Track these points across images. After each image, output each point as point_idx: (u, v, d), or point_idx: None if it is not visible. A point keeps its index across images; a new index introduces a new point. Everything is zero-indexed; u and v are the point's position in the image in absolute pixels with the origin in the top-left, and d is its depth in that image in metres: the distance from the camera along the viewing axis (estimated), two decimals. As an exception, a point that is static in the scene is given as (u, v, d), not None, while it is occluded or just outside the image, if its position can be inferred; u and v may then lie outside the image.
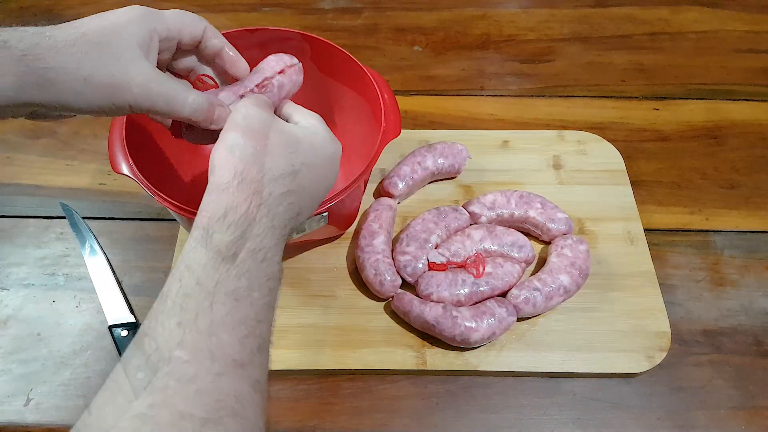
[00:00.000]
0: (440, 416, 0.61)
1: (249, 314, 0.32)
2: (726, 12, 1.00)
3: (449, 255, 0.66)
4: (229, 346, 0.31)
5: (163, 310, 0.31)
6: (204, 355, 0.29)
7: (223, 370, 0.30)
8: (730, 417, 0.61)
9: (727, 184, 0.79)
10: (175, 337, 0.30)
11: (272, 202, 0.37)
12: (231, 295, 0.32)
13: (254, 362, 0.32)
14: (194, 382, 0.29)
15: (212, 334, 0.30)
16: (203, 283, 0.32)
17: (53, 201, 0.75)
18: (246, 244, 0.34)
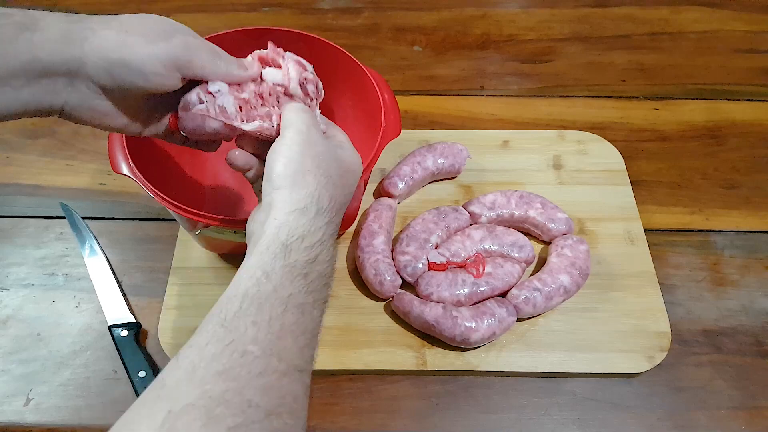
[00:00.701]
0: (440, 416, 0.61)
1: (309, 327, 0.36)
2: (726, 12, 1.00)
3: (449, 255, 0.66)
4: (293, 352, 0.34)
5: (241, 306, 0.34)
6: (273, 354, 0.33)
7: (287, 371, 0.33)
8: (730, 417, 0.61)
9: (727, 184, 0.79)
10: (250, 334, 0.33)
11: (334, 231, 0.41)
12: (299, 307, 0.36)
13: (308, 370, 0.35)
14: (263, 377, 0.32)
15: (281, 337, 0.34)
16: (279, 290, 0.35)
17: (53, 201, 0.75)
18: (317, 268, 0.38)
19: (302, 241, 0.38)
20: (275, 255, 0.37)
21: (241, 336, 0.33)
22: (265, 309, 0.34)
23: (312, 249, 0.38)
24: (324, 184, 0.41)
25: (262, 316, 0.34)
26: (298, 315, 0.35)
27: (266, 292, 0.35)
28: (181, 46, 0.41)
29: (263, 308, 0.34)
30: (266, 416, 0.30)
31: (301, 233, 0.38)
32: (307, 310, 0.36)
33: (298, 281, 0.36)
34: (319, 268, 0.38)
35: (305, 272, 0.37)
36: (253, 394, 0.31)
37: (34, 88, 0.39)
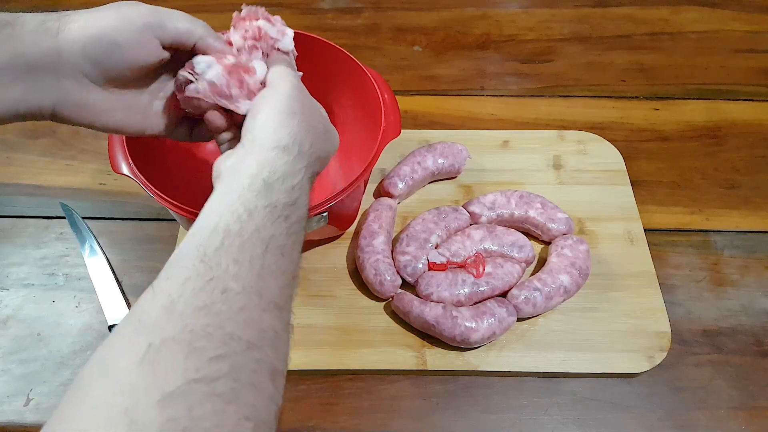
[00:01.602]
0: (440, 416, 0.61)
1: (288, 268, 0.37)
2: (726, 12, 1.00)
3: (449, 255, 0.66)
4: (272, 290, 0.34)
5: (222, 243, 0.34)
6: (253, 291, 0.33)
7: (267, 308, 0.34)
8: (730, 417, 0.61)
9: (727, 184, 0.79)
10: (232, 271, 0.33)
11: (312, 178, 0.42)
12: (279, 249, 0.36)
13: (287, 308, 0.36)
14: (243, 312, 0.32)
15: (261, 276, 0.34)
16: (261, 232, 0.36)
17: (53, 201, 0.75)
18: (296, 212, 0.38)
19: (283, 182, 0.38)
20: (258, 192, 0.37)
21: (223, 273, 0.33)
22: (246, 248, 0.34)
23: (293, 191, 0.38)
24: (307, 129, 0.41)
25: (243, 255, 0.34)
26: (278, 256, 0.36)
27: (248, 232, 0.35)
28: (149, 12, 0.42)
29: (245, 247, 0.34)
30: (248, 347, 0.31)
31: (283, 173, 0.38)
32: (287, 251, 0.37)
33: (280, 223, 0.37)
34: (298, 213, 0.38)
35: (286, 214, 0.37)
36: (234, 327, 0.31)
37: (22, 85, 0.39)
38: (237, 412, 0.28)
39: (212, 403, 0.28)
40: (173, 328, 0.30)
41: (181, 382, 0.27)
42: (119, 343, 0.30)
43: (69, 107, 0.42)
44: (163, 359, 0.28)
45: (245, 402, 0.29)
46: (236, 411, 0.28)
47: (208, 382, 0.28)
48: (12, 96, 0.39)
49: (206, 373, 0.28)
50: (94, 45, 0.40)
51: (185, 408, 0.27)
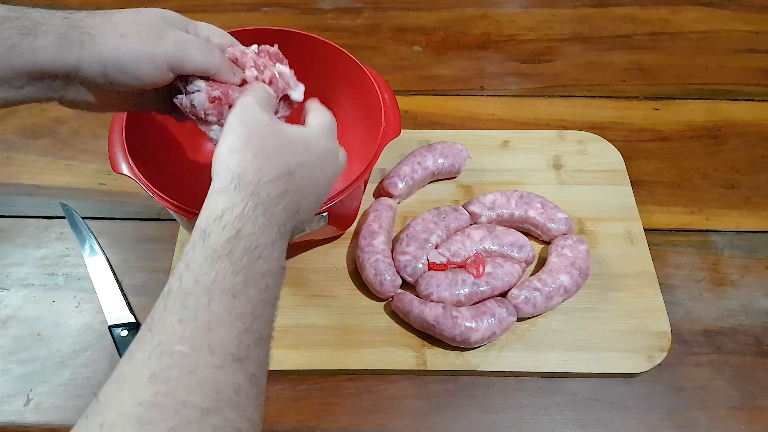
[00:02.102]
0: (440, 416, 0.61)
1: (246, 310, 0.34)
2: (726, 12, 1.00)
3: (449, 255, 0.66)
4: (227, 341, 0.32)
5: (165, 306, 0.33)
6: (204, 349, 0.31)
7: (222, 363, 0.31)
8: (730, 417, 0.61)
9: (727, 184, 0.79)
10: (177, 333, 0.31)
11: (269, 203, 0.39)
12: (228, 291, 0.34)
13: (251, 357, 0.33)
14: (195, 374, 0.30)
15: (211, 329, 0.32)
16: (201, 281, 0.33)
17: (53, 201, 0.75)
18: (242, 243, 0.36)
19: (220, 220, 0.36)
20: (194, 244, 0.35)
21: (168, 337, 0.31)
22: (189, 303, 0.33)
23: (232, 225, 0.36)
24: (250, 158, 0.39)
25: (186, 312, 0.32)
26: (229, 300, 0.33)
27: (187, 285, 0.33)
28: (173, 46, 0.42)
29: (187, 303, 0.33)
30: (203, 414, 0.29)
31: (219, 212, 0.37)
32: (238, 291, 0.34)
33: (221, 263, 0.34)
34: (244, 243, 0.35)
35: (227, 251, 0.35)
36: (186, 393, 0.29)
37: (34, 87, 0.41)
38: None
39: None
40: (124, 402, 0.29)
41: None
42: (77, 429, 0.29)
43: (75, 102, 0.44)
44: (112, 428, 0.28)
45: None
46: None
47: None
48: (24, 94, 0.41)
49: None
50: (114, 70, 0.41)
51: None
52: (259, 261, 0.36)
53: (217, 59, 0.45)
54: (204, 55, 0.44)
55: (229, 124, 0.42)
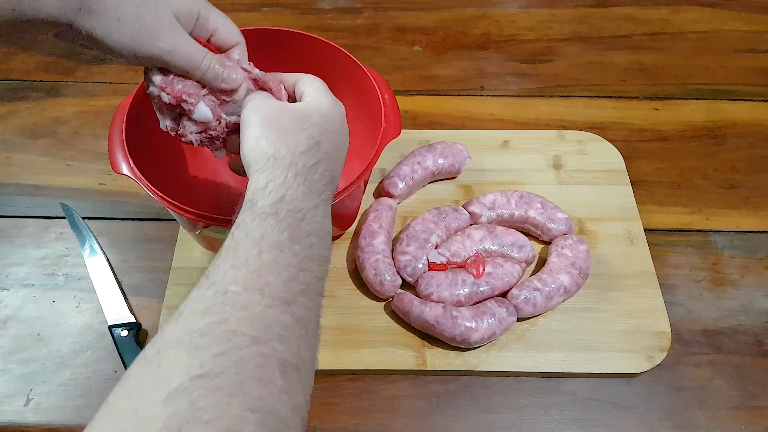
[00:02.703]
0: (440, 416, 0.61)
1: (292, 262, 0.37)
2: (726, 12, 1.00)
3: (449, 255, 0.66)
4: (275, 286, 0.35)
5: (219, 257, 0.36)
6: (254, 290, 0.34)
7: (271, 303, 0.34)
8: (730, 417, 0.61)
9: (727, 184, 0.79)
10: (230, 276, 0.34)
11: (306, 172, 0.42)
12: (275, 245, 0.37)
13: (298, 302, 0.36)
14: (246, 309, 0.33)
15: (261, 275, 0.35)
16: (251, 234, 0.37)
17: (53, 201, 0.75)
18: (285, 206, 0.39)
19: (265, 189, 0.40)
20: (243, 210, 0.39)
21: (221, 279, 0.34)
22: (240, 252, 0.36)
23: (276, 191, 0.40)
24: (277, 139, 0.43)
25: (238, 259, 0.36)
26: (276, 253, 0.37)
27: (239, 239, 0.37)
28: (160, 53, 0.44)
29: (238, 252, 0.36)
30: (253, 342, 0.31)
31: (263, 184, 0.40)
32: (284, 246, 0.37)
33: (268, 221, 0.38)
34: (288, 206, 0.39)
35: (274, 212, 0.38)
36: (237, 324, 0.32)
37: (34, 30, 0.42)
38: (241, 404, 0.29)
39: (215, 396, 0.28)
40: (178, 332, 0.32)
41: (184, 378, 0.29)
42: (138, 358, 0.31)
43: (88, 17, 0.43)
44: (167, 359, 0.30)
45: (250, 395, 0.30)
46: (240, 404, 0.29)
47: (211, 377, 0.29)
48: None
49: (209, 369, 0.29)
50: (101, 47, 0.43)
51: (188, 403, 0.28)
52: (303, 222, 0.39)
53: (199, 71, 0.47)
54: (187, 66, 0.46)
55: (245, 118, 0.45)
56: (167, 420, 0.27)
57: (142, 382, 0.29)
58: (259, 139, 0.43)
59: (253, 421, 0.29)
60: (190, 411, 0.27)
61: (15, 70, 0.91)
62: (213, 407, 0.28)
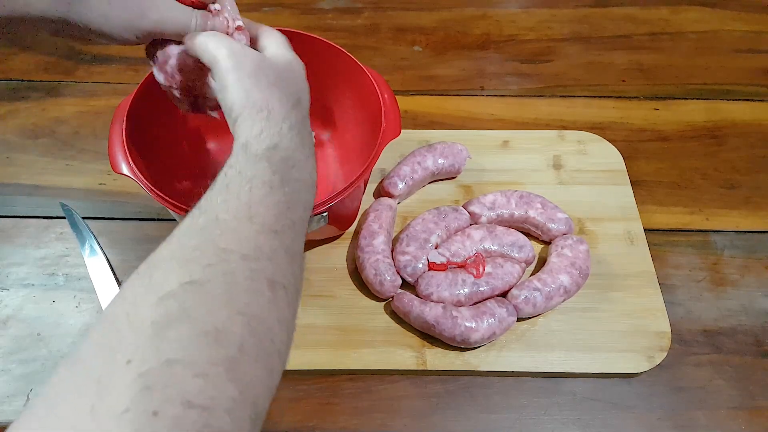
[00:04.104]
0: (440, 416, 0.61)
1: (281, 200, 0.38)
2: (726, 12, 1.01)
3: (449, 255, 0.66)
4: (265, 217, 0.36)
5: (211, 191, 0.37)
6: (244, 218, 0.35)
7: (261, 230, 0.35)
8: (730, 417, 0.61)
9: (727, 184, 0.79)
10: (221, 207, 0.36)
11: (298, 126, 0.44)
12: (266, 184, 0.38)
13: (287, 233, 0.37)
14: (236, 232, 0.34)
15: (251, 206, 0.36)
16: (243, 173, 0.38)
17: (53, 201, 0.75)
18: (279, 153, 0.40)
19: (260, 136, 0.41)
20: (236, 153, 0.40)
21: (212, 209, 0.35)
22: (232, 188, 0.37)
23: (270, 138, 0.41)
24: (270, 93, 0.43)
25: (230, 194, 0.37)
26: (267, 190, 0.38)
27: (232, 177, 0.38)
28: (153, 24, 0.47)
29: (230, 188, 0.37)
30: (242, 259, 0.33)
31: (258, 131, 0.41)
32: (275, 185, 0.38)
33: (261, 164, 0.39)
34: (281, 154, 0.40)
35: (267, 156, 0.39)
36: (228, 243, 0.33)
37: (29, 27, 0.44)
38: (228, 306, 0.30)
39: (204, 298, 0.30)
40: (169, 249, 0.33)
41: (175, 285, 0.30)
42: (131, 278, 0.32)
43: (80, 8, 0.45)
44: (159, 270, 0.32)
45: (238, 300, 0.31)
46: (228, 306, 0.30)
47: (200, 283, 0.30)
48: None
49: (199, 277, 0.31)
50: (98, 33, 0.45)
51: (177, 304, 0.29)
52: (294, 169, 0.41)
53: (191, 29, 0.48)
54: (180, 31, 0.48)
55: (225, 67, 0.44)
56: (157, 319, 0.28)
57: (134, 291, 0.30)
58: (249, 91, 0.43)
59: (240, 323, 0.30)
60: (179, 311, 0.29)
61: (15, 70, 0.91)
62: (201, 307, 0.29)
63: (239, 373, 0.28)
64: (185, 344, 0.28)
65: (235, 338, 0.29)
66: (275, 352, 0.32)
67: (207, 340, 0.28)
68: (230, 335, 0.29)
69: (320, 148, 0.78)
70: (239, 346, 0.29)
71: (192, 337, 0.28)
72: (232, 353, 0.29)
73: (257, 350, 0.30)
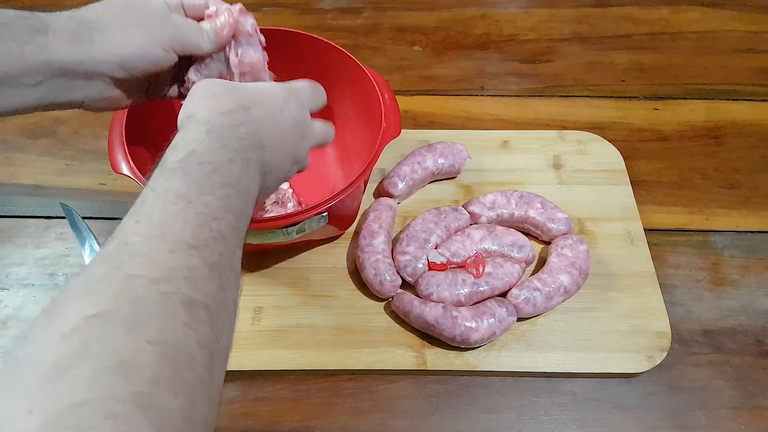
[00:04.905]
0: (440, 416, 0.61)
1: (202, 211, 0.36)
2: (726, 12, 1.01)
3: (449, 255, 0.66)
4: (181, 233, 0.34)
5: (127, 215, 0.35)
6: (155, 238, 0.33)
7: (175, 249, 0.33)
8: (730, 417, 0.61)
9: (727, 184, 0.79)
10: (132, 230, 0.34)
11: (222, 130, 0.41)
12: (183, 197, 0.36)
13: (210, 247, 0.34)
14: (145, 255, 0.32)
15: (164, 224, 0.34)
16: (156, 189, 0.36)
17: (53, 201, 0.75)
18: (194, 160, 0.38)
19: (176, 147, 0.39)
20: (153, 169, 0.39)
21: (124, 234, 0.33)
22: (144, 208, 0.35)
23: (186, 146, 0.39)
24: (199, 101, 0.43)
25: (142, 214, 0.35)
26: (183, 204, 0.35)
27: (144, 195, 0.36)
28: (173, 31, 0.48)
29: (143, 208, 0.35)
30: (152, 283, 0.30)
31: (175, 143, 0.40)
32: (193, 198, 0.36)
33: (175, 176, 0.37)
34: (197, 160, 0.38)
35: (182, 167, 0.37)
36: (135, 269, 0.31)
37: (51, 85, 0.45)
38: (136, 337, 0.28)
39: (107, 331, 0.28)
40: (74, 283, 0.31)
41: (78, 320, 0.28)
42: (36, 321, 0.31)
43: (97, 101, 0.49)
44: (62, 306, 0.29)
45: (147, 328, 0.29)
46: (135, 337, 0.28)
47: (104, 315, 0.28)
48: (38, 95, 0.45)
49: (102, 309, 0.28)
50: (132, 60, 0.47)
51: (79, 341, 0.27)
52: (215, 175, 0.38)
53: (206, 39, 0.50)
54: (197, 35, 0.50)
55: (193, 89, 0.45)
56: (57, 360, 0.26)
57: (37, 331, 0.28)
58: (187, 104, 0.43)
59: (151, 352, 0.28)
60: (81, 347, 0.26)
61: (15, 70, 0.90)
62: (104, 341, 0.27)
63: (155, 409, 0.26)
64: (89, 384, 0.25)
65: (146, 370, 0.27)
66: (197, 379, 0.29)
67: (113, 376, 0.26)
68: (140, 368, 0.27)
69: (320, 148, 0.78)
70: (152, 378, 0.27)
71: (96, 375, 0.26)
72: (144, 387, 0.26)
73: (174, 381, 0.28)
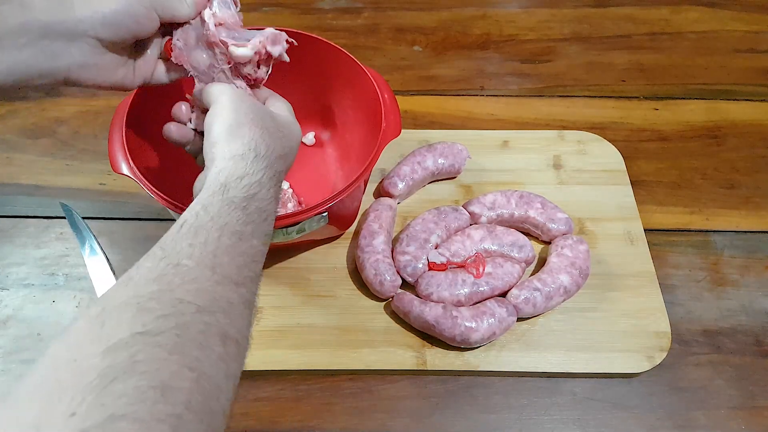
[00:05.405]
0: (440, 416, 0.61)
1: (248, 252, 0.38)
2: (726, 12, 1.01)
3: (449, 255, 0.66)
4: (228, 268, 0.36)
5: (179, 233, 0.37)
6: (207, 267, 0.35)
7: (221, 281, 0.35)
8: (730, 417, 0.61)
9: (727, 184, 0.79)
10: (185, 252, 0.35)
11: (277, 178, 0.44)
12: (236, 234, 0.38)
13: (246, 285, 0.37)
14: (195, 282, 0.34)
15: (216, 255, 0.36)
16: (216, 219, 0.38)
17: (53, 201, 0.75)
18: (255, 203, 0.40)
19: (240, 181, 0.40)
20: (214, 192, 0.40)
21: (177, 253, 0.35)
22: (201, 233, 0.37)
23: (250, 187, 0.41)
24: (260, 135, 0.44)
25: (198, 239, 0.36)
26: (235, 240, 0.37)
27: (203, 221, 0.37)
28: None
29: (199, 233, 0.37)
30: (198, 311, 0.32)
31: (240, 174, 0.41)
32: (245, 237, 0.38)
33: (236, 213, 0.39)
34: (257, 204, 0.40)
35: (243, 205, 0.39)
36: (184, 294, 0.32)
37: (35, 48, 0.43)
38: (179, 361, 0.29)
39: (154, 351, 0.29)
40: (125, 295, 0.32)
41: (126, 334, 0.29)
42: (81, 314, 0.32)
43: (81, 69, 0.46)
44: (112, 318, 0.30)
45: (189, 355, 0.30)
46: (178, 360, 0.29)
47: (152, 335, 0.29)
48: (26, 59, 0.43)
49: (151, 328, 0.30)
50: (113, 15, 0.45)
51: (126, 355, 0.28)
52: (265, 223, 0.41)
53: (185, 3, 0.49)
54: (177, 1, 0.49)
55: (223, 103, 0.46)
56: (104, 370, 0.27)
57: (84, 337, 0.29)
58: (241, 126, 0.44)
59: (189, 378, 0.29)
60: (128, 363, 0.28)
61: (15, 70, 0.90)
62: (151, 361, 0.28)
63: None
64: (132, 399, 0.26)
65: (183, 395, 0.28)
66: (220, 410, 0.31)
67: (154, 396, 0.27)
68: (178, 391, 0.28)
69: (320, 148, 0.78)
70: (186, 403, 0.28)
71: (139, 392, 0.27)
72: (179, 410, 0.27)
73: (203, 408, 0.29)
